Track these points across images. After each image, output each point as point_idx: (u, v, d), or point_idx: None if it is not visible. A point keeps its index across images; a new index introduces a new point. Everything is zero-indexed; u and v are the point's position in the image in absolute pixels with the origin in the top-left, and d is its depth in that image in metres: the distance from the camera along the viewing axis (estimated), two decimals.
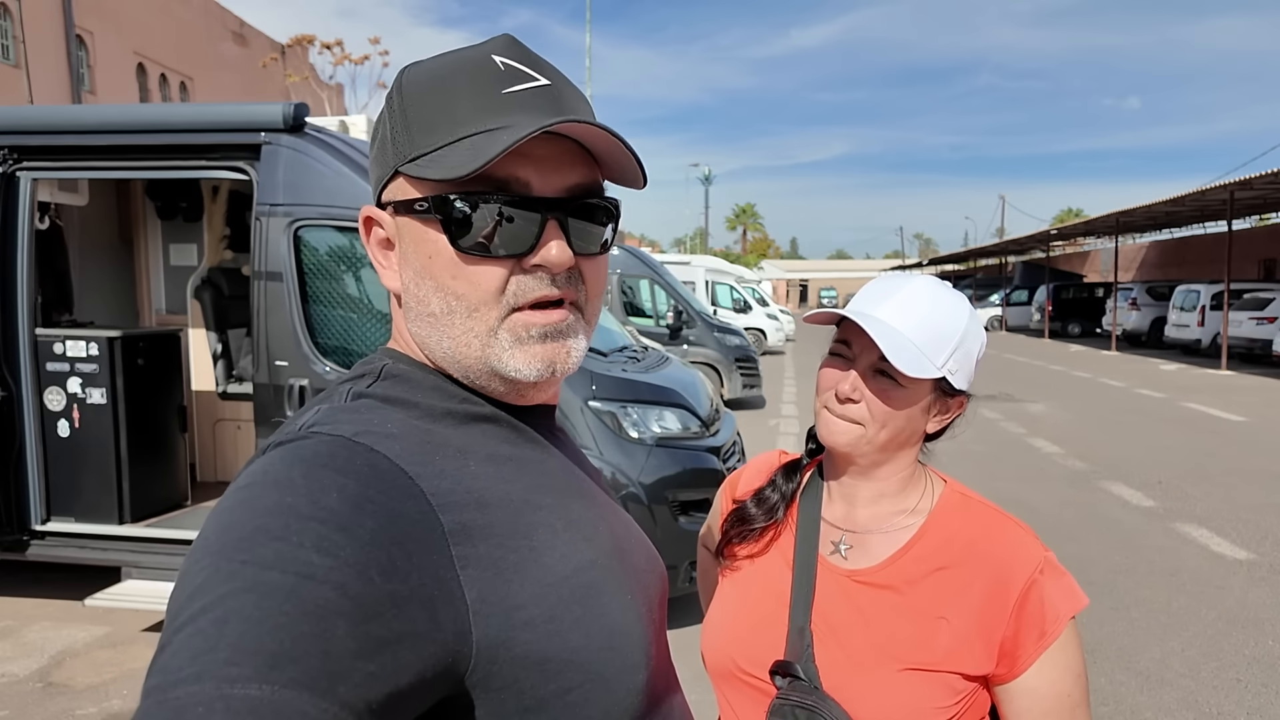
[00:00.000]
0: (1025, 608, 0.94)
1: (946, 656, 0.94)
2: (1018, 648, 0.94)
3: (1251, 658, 3.87)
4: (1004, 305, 33.05)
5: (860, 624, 0.98)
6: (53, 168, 4.11)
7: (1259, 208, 22.43)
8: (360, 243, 3.84)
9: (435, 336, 0.66)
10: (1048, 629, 0.94)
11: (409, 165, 0.64)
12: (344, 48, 25.61)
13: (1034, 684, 0.94)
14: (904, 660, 0.94)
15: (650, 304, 11.41)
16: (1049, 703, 0.95)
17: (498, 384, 0.67)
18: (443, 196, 0.62)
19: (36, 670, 3.71)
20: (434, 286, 0.64)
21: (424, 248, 0.64)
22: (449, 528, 0.56)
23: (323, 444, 0.57)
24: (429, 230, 0.64)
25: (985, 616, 0.94)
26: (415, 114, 0.64)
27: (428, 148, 0.63)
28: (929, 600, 0.96)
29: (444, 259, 0.64)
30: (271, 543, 0.49)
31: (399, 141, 0.65)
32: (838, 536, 1.04)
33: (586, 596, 0.62)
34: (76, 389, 4.12)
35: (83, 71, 19.94)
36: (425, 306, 0.65)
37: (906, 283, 0.98)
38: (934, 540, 1.00)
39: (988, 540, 0.99)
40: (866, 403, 0.97)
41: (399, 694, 0.49)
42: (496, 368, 0.65)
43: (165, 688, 0.43)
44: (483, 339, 0.64)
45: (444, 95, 0.64)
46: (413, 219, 0.65)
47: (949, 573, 0.97)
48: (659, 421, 4.19)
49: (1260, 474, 7.54)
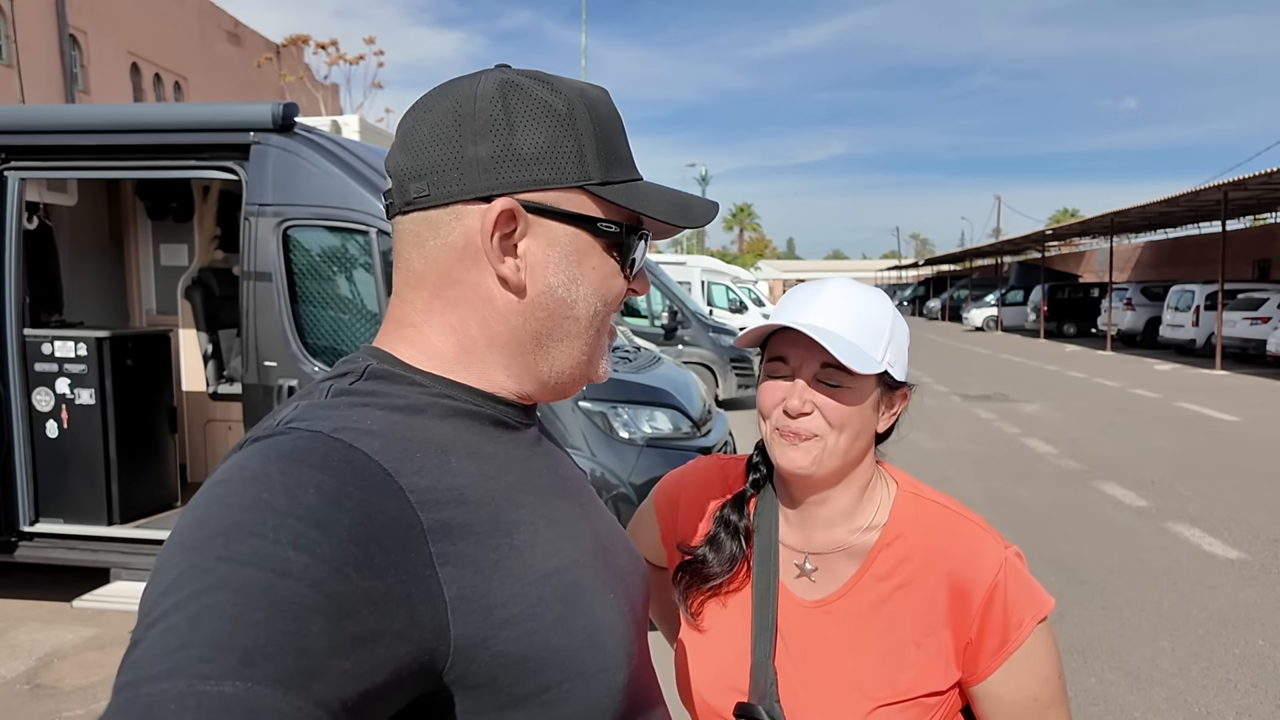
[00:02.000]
0: (989, 615, 0.92)
1: (916, 682, 0.92)
2: (979, 655, 0.92)
3: (1241, 657, 3.87)
4: (999, 305, 33.08)
5: (827, 658, 0.95)
6: (41, 167, 4.09)
7: (1253, 208, 22.50)
8: (350, 242, 3.87)
9: (565, 334, 0.69)
10: (1010, 636, 0.92)
11: (600, 188, 0.67)
12: (339, 48, 25.58)
13: (998, 691, 0.93)
14: (875, 697, 0.92)
15: (645, 304, 11.41)
16: (1015, 708, 0.94)
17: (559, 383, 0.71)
18: (631, 226, 0.70)
19: (24, 672, 3.70)
20: (588, 292, 0.69)
21: (589, 259, 0.68)
22: (428, 525, 0.56)
23: (301, 439, 0.56)
24: (598, 245, 0.69)
25: (949, 628, 0.93)
26: (598, 140, 0.68)
27: (620, 178, 0.69)
28: (895, 623, 0.94)
29: (605, 272, 0.69)
30: (247, 539, 0.48)
31: (584, 159, 0.67)
32: (800, 559, 1.01)
33: (568, 595, 0.62)
34: (65, 389, 4.10)
35: (76, 71, 19.86)
36: (571, 309, 0.68)
37: (823, 287, 0.97)
38: (893, 554, 0.97)
39: (945, 548, 0.96)
40: (820, 411, 0.93)
41: (375, 691, 0.49)
42: (589, 367, 0.72)
43: (137, 684, 0.43)
44: (599, 339, 0.72)
45: (614, 131, 0.70)
46: (583, 231, 0.68)
47: (911, 589, 0.95)
48: (650, 422, 4.18)
49: (1253, 474, 7.56)
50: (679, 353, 10.31)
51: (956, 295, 42.31)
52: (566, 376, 0.71)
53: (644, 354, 5.29)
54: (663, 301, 11.03)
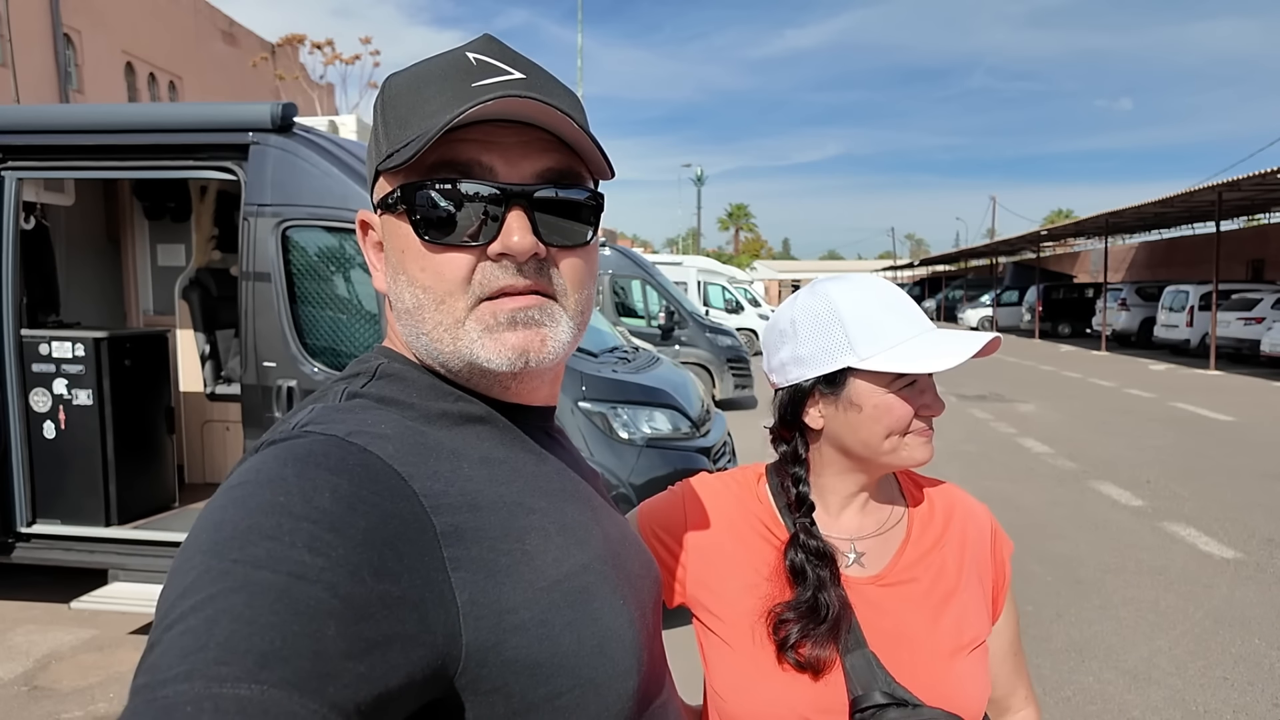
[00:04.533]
0: (996, 556, 1.05)
1: (975, 629, 0.99)
2: (1000, 591, 1.04)
3: (1238, 656, 3.89)
4: (995, 306, 33.17)
5: (909, 624, 0.97)
6: (38, 167, 4.08)
7: (1247, 209, 22.59)
8: (349, 243, 3.86)
9: (413, 332, 0.66)
10: (1007, 572, 1.05)
11: (384, 162, 0.64)
12: (334, 47, 25.55)
13: (1002, 625, 1.05)
14: (948, 651, 0.96)
15: (642, 304, 11.41)
16: (1013, 633, 1.06)
17: (479, 378, 0.66)
18: (407, 185, 0.63)
19: (22, 674, 3.68)
20: (406, 280, 0.65)
21: (397, 242, 0.65)
22: (441, 529, 0.56)
23: (316, 443, 0.56)
24: (401, 224, 0.64)
25: (977, 575, 1.02)
26: (392, 114, 0.65)
27: (399, 143, 0.63)
28: (946, 578, 1.00)
29: (413, 251, 0.64)
30: (263, 542, 0.48)
31: (379, 142, 0.66)
32: (847, 548, 1.02)
33: (578, 601, 0.62)
34: (62, 390, 4.09)
35: (70, 70, 19.79)
36: (401, 302, 0.66)
37: (894, 296, 0.98)
38: (920, 521, 1.05)
39: (951, 505, 1.06)
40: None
41: (388, 695, 0.49)
42: (469, 359, 0.64)
43: (153, 686, 0.43)
44: (452, 331, 0.64)
45: (417, 93, 0.64)
46: (390, 216, 0.66)
47: (944, 545, 1.03)
48: (649, 422, 4.18)
49: (1247, 473, 7.59)
50: (676, 353, 10.31)
51: (951, 296, 42.41)
52: (461, 370, 0.66)
53: (643, 354, 5.30)
54: (659, 302, 11.04)
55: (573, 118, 0.62)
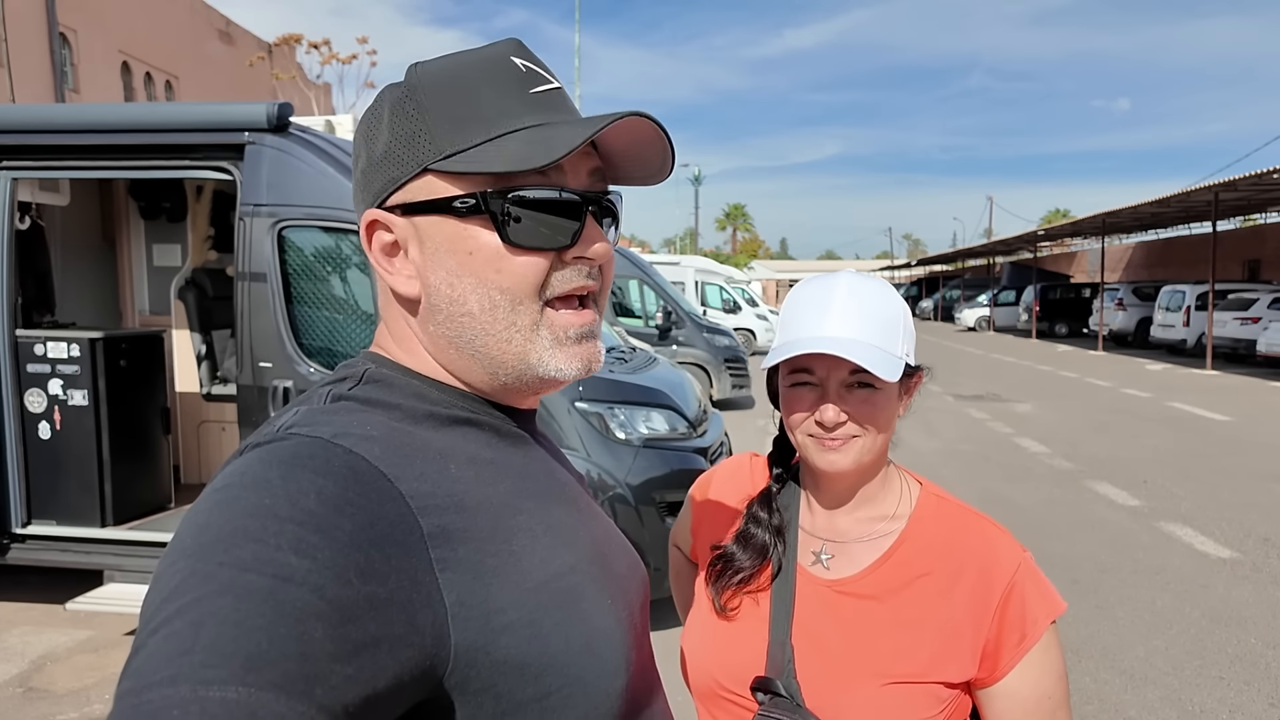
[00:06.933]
0: (1007, 611, 0.94)
1: (930, 666, 0.93)
2: (999, 651, 0.94)
3: (1234, 655, 3.89)
4: (991, 305, 33.21)
5: (843, 635, 0.97)
6: (33, 167, 4.07)
7: (1243, 209, 22.64)
8: (345, 243, 3.86)
9: (469, 335, 0.65)
10: (1028, 632, 0.94)
11: (444, 162, 0.63)
12: (331, 47, 25.46)
13: (1015, 687, 0.95)
14: (887, 674, 0.94)
15: (639, 304, 11.41)
16: (1030, 704, 0.95)
17: (520, 384, 0.67)
18: (497, 190, 0.63)
19: (17, 675, 3.67)
20: (474, 283, 0.64)
21: (462, 244, 0.64)
22: (428, 531, 0.56)
23: (301, 445, 0.56)
24: (468, 226, 0.64)
25: (968, 621, 0.95)
26: (441, 112, 0.63)
27: (464, 145, 0.63)
28: (912, 609, 0.96)
29: (488, 253, 0.63)
30: (249, 544, 0.48)
31: (422, 141, 0.63)
32: (818, 546, 1.03)
33: (566, 601, 0.62)
34: (58, 390, 4.08)
35: (66, 69, 19.73)
36: (461, 306, 0.64)
37: (833, 289, 0.96)
38: (914, 545, 1.00)
39: (966, 543, 0.99)
40: (853, 419, 0.96)
41: (376, 697, 0.49)
42: (536, 367, 0.66)
43: (139, 690, 0.43)
44: (525, 334, 0.65)
45: (470, 94, 0.64)
46: (445, 217, 0.64)
47: (930, 579, 0.97)
48: (646, 422, 4.18)
49: (1244, 473, 7.60)
50: (673, 353, 10.31)
51: (949, 295, 42.50)
52: (515, 377, 0.67)
53: (640, 354, 5.29)
54: (657, 302, 11.04)
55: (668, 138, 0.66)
